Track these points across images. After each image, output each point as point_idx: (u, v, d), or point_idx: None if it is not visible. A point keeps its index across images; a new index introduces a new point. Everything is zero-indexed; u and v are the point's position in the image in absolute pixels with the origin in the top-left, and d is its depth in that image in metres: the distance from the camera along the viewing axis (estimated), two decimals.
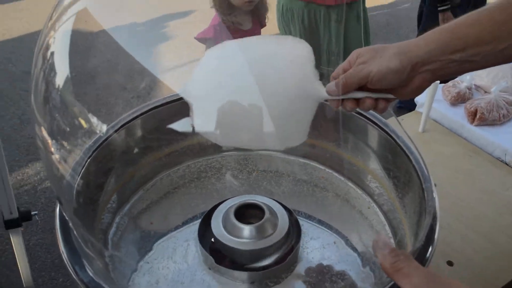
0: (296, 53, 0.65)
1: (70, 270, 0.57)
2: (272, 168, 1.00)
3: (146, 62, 0.68)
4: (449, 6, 2.28)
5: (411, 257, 0.53)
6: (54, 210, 2.01)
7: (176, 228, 0.83)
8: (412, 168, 0.72)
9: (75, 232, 0.60)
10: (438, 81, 1.42)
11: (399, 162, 0.77)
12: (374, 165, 0.84)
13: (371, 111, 0.75)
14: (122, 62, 0.67)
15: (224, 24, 1.63)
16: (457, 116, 1.51)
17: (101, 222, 0.77)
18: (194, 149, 0.97)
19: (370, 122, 0.83)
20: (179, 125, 0.75)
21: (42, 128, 0.58)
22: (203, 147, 1.00)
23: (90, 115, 0.63)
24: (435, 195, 0.68)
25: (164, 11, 0.84)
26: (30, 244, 2.13)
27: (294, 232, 0.76)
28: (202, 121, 0.62)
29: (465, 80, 1.59)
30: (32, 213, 1.14)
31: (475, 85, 1.65)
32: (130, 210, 0.85)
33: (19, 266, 1.29)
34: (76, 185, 0.66)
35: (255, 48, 0.66)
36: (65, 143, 0.62)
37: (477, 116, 1.45)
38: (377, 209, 0.86)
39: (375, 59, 0.59)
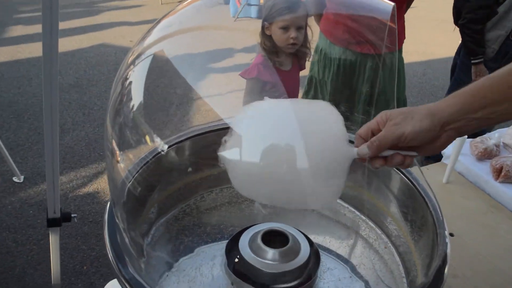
0: (328, 116, 0.70)
1: (113, 265, 0.64)
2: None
3: (200, 89, 0.76)
4: (482, 59, 2.34)
5: None
6: (82, 218, 2.12)
7: (206, 243, 0.91)
8: (429, 214, 0.77)
9: (121, 229, 0.67)
10: (466, 136, 1.47)
11: (417, 208, 0.83)
12: (394, 208, 0.90)
13: None
14: (178, 95, 0.77)
15: (266, 63, 1.74)
16: (482, 172, 1.54)
17: (142, 228, 0.85)
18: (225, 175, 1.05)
19: (394, 169, 0.89)
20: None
21: (113, 141, 0.67)
22: None
23: (154, 135, 0.73)
24: (447, 240, 0.73)
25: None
26: None
27: (314, 261, 0.82)
28: (239, 181, 0.67)
29: (493, 138, 1.63)
30: (72, 215, 1.24)
31: (503, 143, 1.69)
32: (166, 222, 0.93)
33: (51, 263, 1.36)
34: (127, 188, 0.74)
35: (291, 111, 0.69)
36: (129, 155, 0.71)
37: (502, 173, 1.48)
38: (393, 250, 0.91)
39: (407, 120, 0.65)
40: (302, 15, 1.67)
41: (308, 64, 2.32)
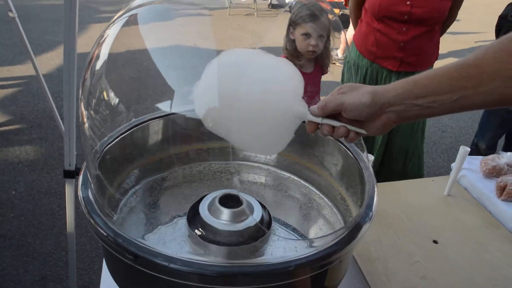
0: (290, 75, 0.77)
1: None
2: (275, 183, 1.16)
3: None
4: None
5: None
6: None
7: (179, 205, 1.04)
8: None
9: (92, 186, 0.80)
10: (468, 149, 1.47)
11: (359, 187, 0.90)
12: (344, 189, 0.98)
13: None
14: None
15: None
16: (487, 189, 1.52)
17: (120, 188, 1.00)
18: (218, 152, 1.17)
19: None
20: None
21: (82, 103, 0.81)
22: (225, 152, 1.20)
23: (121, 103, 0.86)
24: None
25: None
26: None
27: (265, 224, 0.90)
28: (199, 108, 0.75)
29: (505, 157, 1.60)
30: None
31: None
32: (149, 184, 1.07)
33: (66, 212, 1.56)
34: (102, 151, 0.88)
35: (256, 61, 0.76)
36: (97, 116, 0.85)
37: (505, 191, 1.45)
38: None
39: (352, 92, 0.72)
40: (324, 24, 1.76)
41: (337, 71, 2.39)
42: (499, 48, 0.64)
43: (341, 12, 6.45)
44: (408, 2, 1.95)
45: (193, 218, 0.93)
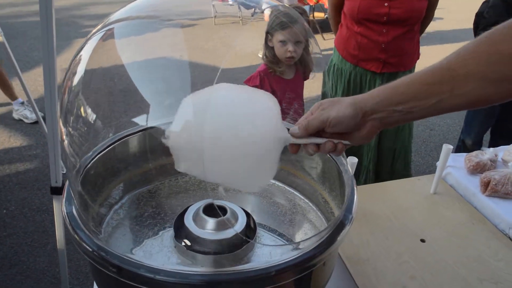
0: (266, 104, 0.75)
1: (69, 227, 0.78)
2: (260, 190, 1.17)
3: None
4: None
5: None
6: None
7: (166, 217, 1.05)
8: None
9: (75, 203, 0.81)
10: (451, 147, 1.49)
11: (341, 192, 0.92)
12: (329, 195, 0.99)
13: None
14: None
15: (269, 71, 1.88)
16: (471, 185, 1.54)
17: (105, 202, 1.00)
18: None
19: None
20: None
21: (60, 120, 0.82)
22: None
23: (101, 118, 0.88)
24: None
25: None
26: None
27: (250, 231, 0.92)
28: (179, 162, 0.73)
29: (488, 152, 1.63)
30: None
31: (502, 159, 1.68)
32: (135, 197, 1.08)
33: (56, 228, 1.56)
34: (85, 168, 0.89)
35: (229, 97, 0.73)
36: (75, 133, 0.86)
37: (489, 187, 1.48)
38: None
39: (333, 106, 0.72)
40: (300, 30, 1.77)
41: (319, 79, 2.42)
42: (470, 50, 0.66)
43: (326, 16, 6.51)
44: (386, 4, 1.99)
45: (179, 229, 0.94)
